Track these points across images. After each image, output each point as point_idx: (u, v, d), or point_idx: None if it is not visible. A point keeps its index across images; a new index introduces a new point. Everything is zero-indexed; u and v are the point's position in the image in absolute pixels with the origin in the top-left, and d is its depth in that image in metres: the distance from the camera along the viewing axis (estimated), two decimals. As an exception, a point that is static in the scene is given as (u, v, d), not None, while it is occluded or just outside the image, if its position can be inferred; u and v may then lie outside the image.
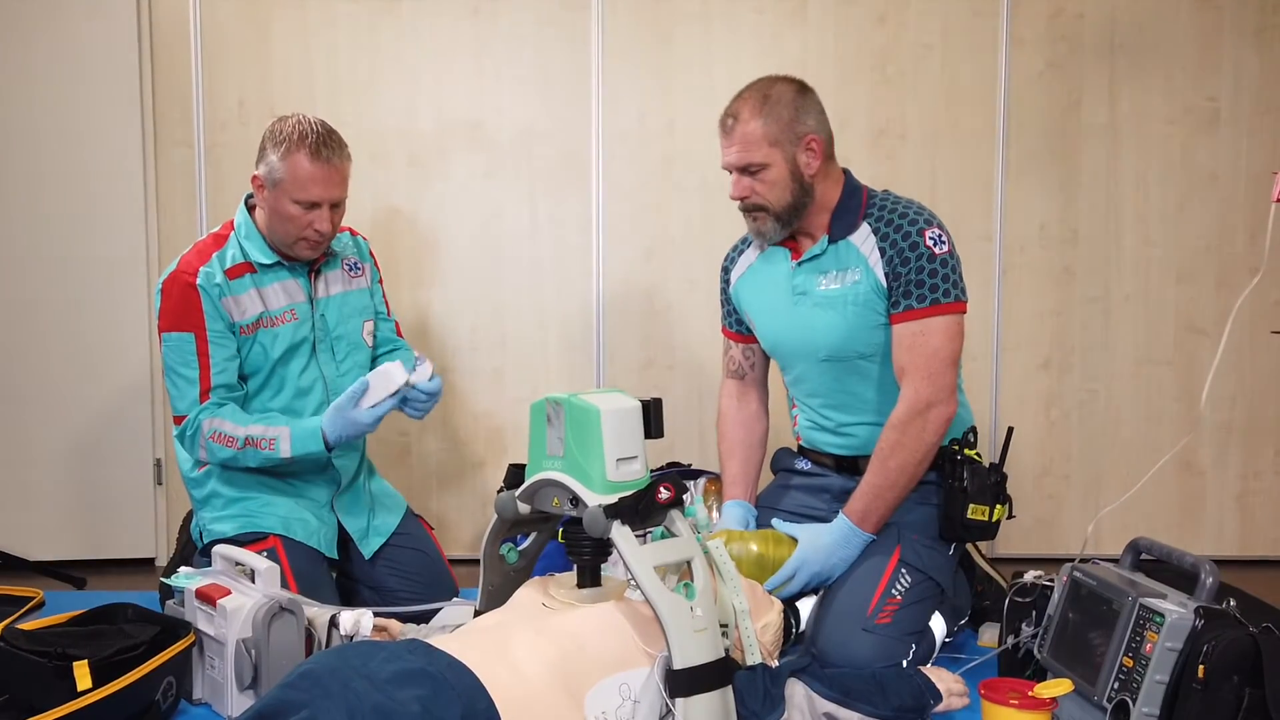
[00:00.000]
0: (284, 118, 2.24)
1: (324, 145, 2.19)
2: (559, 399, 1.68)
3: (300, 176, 2.18)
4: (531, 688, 1.49)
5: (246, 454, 2.20)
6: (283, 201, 2.20)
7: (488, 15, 3.14)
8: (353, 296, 2.43)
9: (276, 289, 2.30)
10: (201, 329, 2.21)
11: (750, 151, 2.12)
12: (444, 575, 2.46)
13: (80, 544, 3.12)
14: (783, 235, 2.22)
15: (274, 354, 2.29)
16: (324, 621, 1.92)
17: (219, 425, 2.20)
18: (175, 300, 2.22)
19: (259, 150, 2.24)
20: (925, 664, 2.05)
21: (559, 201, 3.19)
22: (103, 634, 1.86)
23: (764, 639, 1.87)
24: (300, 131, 2.19)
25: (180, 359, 2.22)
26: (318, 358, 2.36)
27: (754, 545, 2.11)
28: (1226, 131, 3.18)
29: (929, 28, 3.16)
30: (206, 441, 2.21)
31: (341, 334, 2.39)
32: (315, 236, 2.24)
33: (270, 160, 2.20)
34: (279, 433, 2.21)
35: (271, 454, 2.20)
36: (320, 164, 2.18)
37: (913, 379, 2.08)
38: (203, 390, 2.22)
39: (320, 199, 2.20)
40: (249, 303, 2.26)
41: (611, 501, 1.61)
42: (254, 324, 2.26)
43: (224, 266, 2.24)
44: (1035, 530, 3.25)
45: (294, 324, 2.31)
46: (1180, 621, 1.60)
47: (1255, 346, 3.20)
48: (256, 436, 2.20)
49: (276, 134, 2.21)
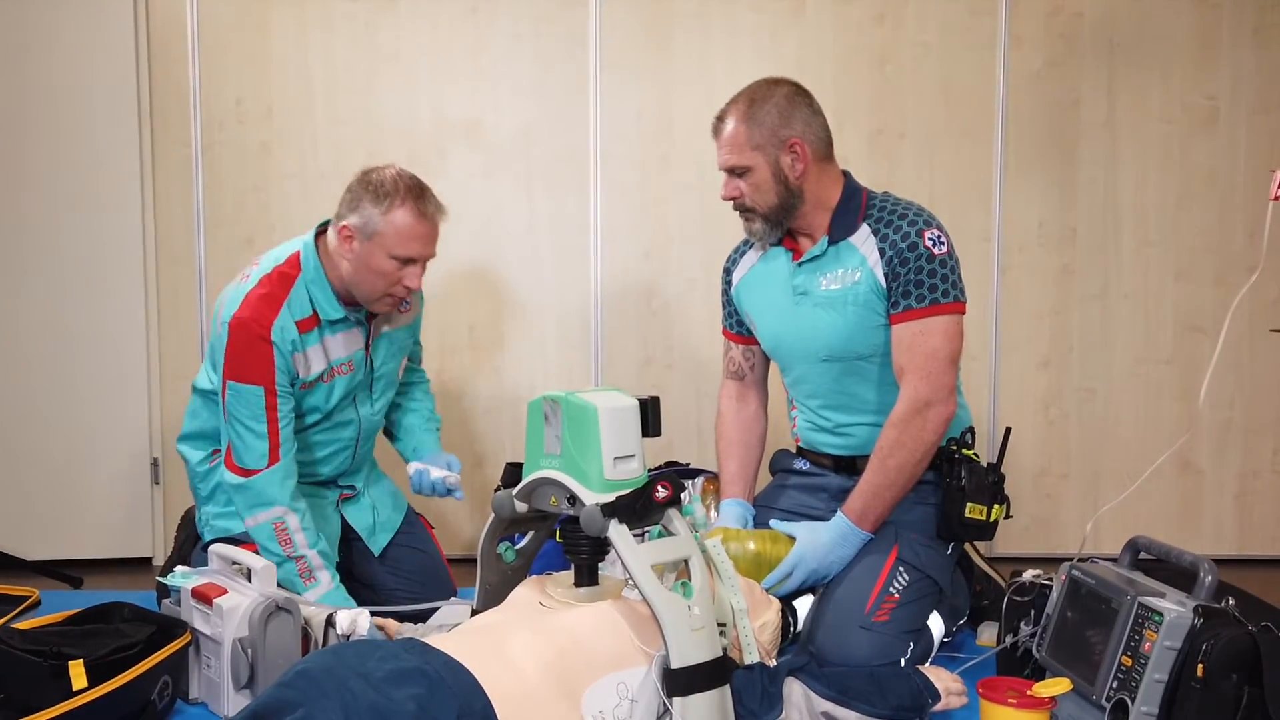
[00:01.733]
0: (377, 169, 2.17)
1: (428, 201, 2.15)
2: (556, 397, 1.68)
3: (402, 231, 2.12)
4: (528, 687, 1.49)
5: (285, 566, 2.14)
6: (377, 255, 2.13)
7: (486, 14, 3.14)
8: (399, 334, 2.38)
9: (339, 340, 2.24)
10: (272, 384, 2.13)
11: (735, 154, 2.14)
12: (443, 576, 2.47)
13: (77, 543, 3.11)
14: (775, 236, 2.23)
15: (330, 405, 2.27)
16: (320, 621, 1.92)
17: (288, 522, 2.15)
18: (246, 351, 2.13)
19: (349, 198, 2.16)
20: (923, 663, 2.04)
21: (557, 200, 3.19)
22: (99, 633, 1.86)
23: (762, 638, 1.86)
24: (405, 186, 2.13)
25: (249, 412, 2.13)
26: (356, 401, 2.33)
27: (751, 544, 2.12)
28: (1225, 130, 3.19)
29: (927, 27, 3.16)
30: (269, 525, 2.14)
31: (383, 374, 2.37)
32: (403, 293, 2.19)
33: (367, 211, 2.12)
34: (323, 578, 2.18)
35: (298, 583, 2.15)
36: (424, 221, 2.14)
37: (912, 379, 2.08)
38: (272, 446, 2.14)
39: (418, 255, 2.16)
40: (314, 358, 2.20)
41: (609, 500, 1.61)
42: (317, 380, 2.22)
43: (294, 318, 2.16)
44: (1034, 529, 3.25)
45: (350, 375, 2.27)
46: (1179, 620, 1.59)
47: (1254, 345, 3.20)
48: (306, 566, 2.16)
49: (374, 184, 2.13)
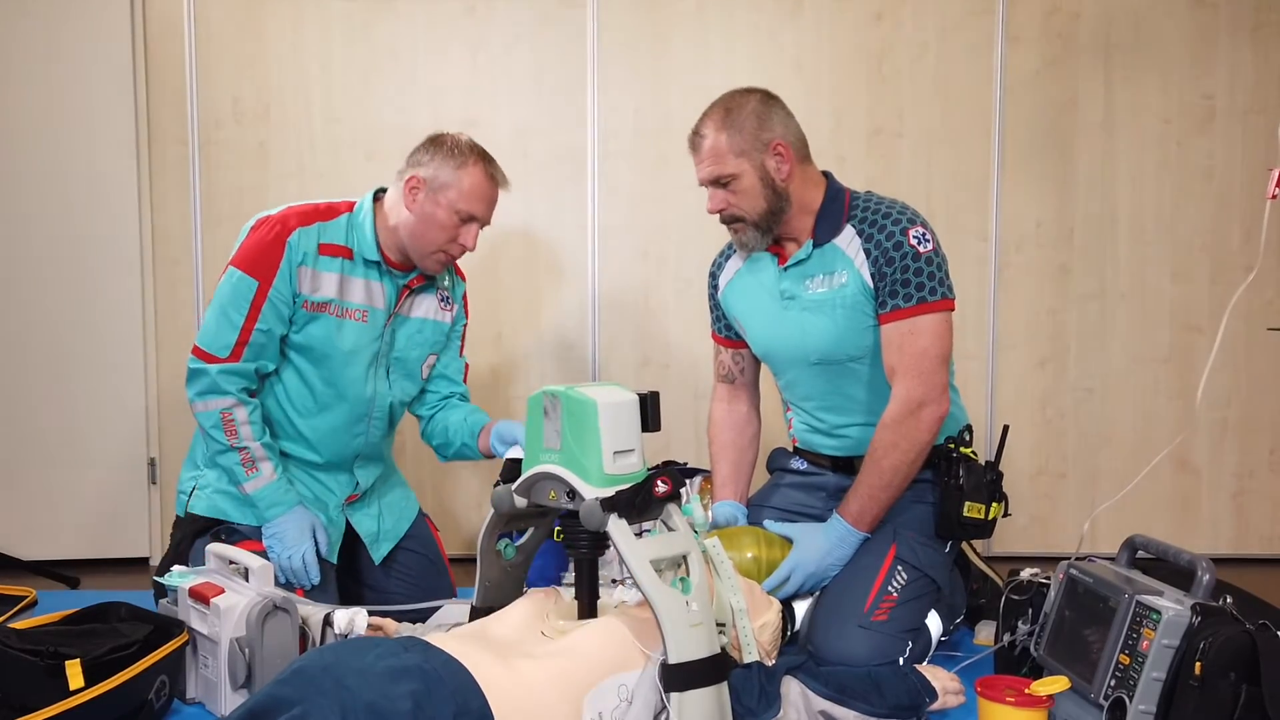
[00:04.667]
0: (448, 133, 2.25)
1: (497, 168, 2.25)
2: (556, 391, 1.67)
3: (472, 188, 2.20)
4: (528, 688, 1.48)
5: (229, 454, 2.14)
6: (441, 208, 2.19)
7: (483, 13, 3.14)
8: (430, 326, 2.37)
9: (359, 285, 2.23)
10: (268, 282, 2.12)
11: (719, 164, 2.13)
12: (444, 580, 2.46)
13: (74, 543, 3.11)
14: (765, 243, 2.22)
15: (342, 347, 2.21)
16: (318, 620, 1.91)
17: (236, 414, 2.13)
18: (261, 243, 2.14)
19: (419, 154, 2.23)
20: (921, 662, 2.04)
21: (555, 200, 3.18)
22: (95, 633, 1.85)
23: (762, 638, 1.86)
24: (478, 149, 2.23)
25: (234, 299, 2.12)
26: (374, 370, 2.29)
27: (749, 552, 2.11)
28: (1222, 129, 3.19)
29: (925, 26, 3.16)
30: (216, 413, 2.12)
31: (403, 357, 2.34)
32: (457, 251, 2.25)
33: (440, 165, 2.19)
34: (264, 469, 2.16)
35: (240, 473, 2.15)
36: (492, 183, 2.24)
37: (904, 379, 2.08)
38: (239, 342, 2.12)
39: (481, 215, 2.24)
40: (325, 283, 2.18)
41: (608, 495, 1.60)
42: (321, 304, 2.18)
43: (319, 240, 2.18)
44: (1031, 528, 3.25)
45: (361, 326, 2.23)
46: (1177, 619, 1.59)
47: (1251, 343, 3.20)
48: (249, 457, 2.14)
49: (449, 143, 2.22)
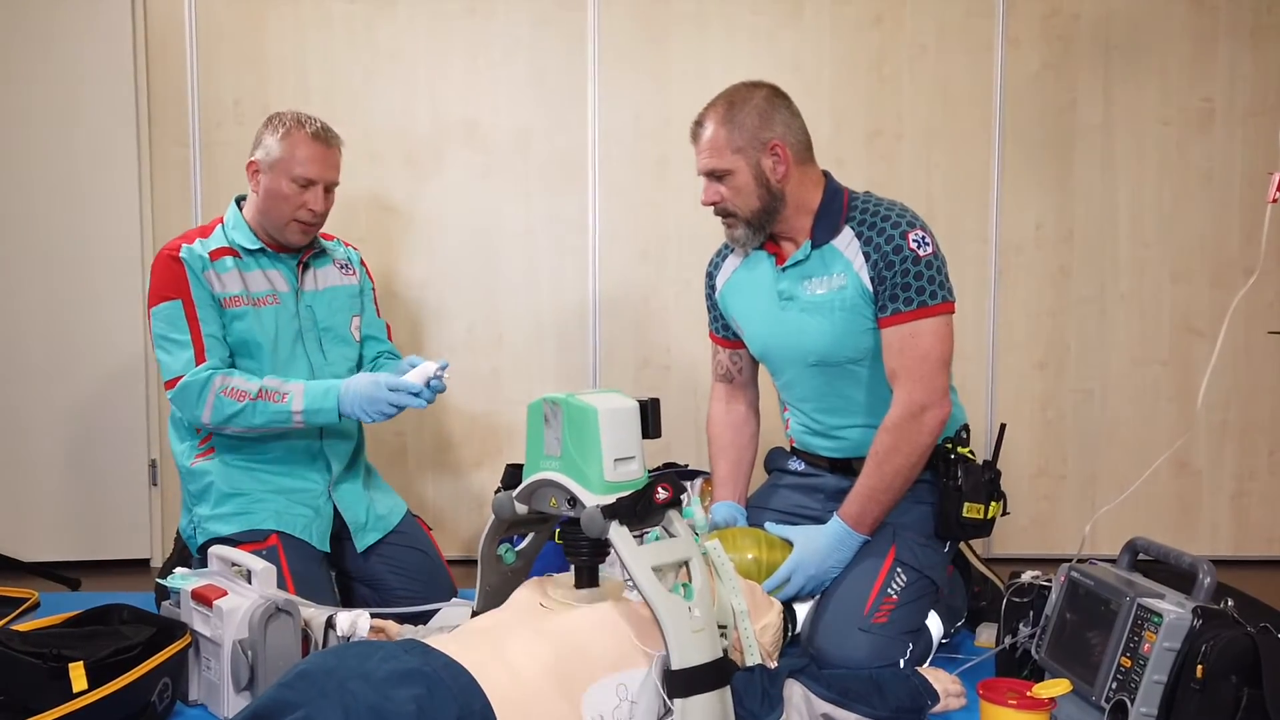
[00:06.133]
0: (279, 112, 2.36)
1: (323, 129, 2.34)
2: (556, 399, 1.68)
3: (300, 154, 2.29)
4: (528, 688, 1.49)
5: (257, 407, 2.21)
6: (279, 180, 2.29)
7: (484, 15, 3.14)
8: (341, 291, 2.48)
9: (258, 276, 2.34)
10: (188, 296, 2.25)
11: (715, 158, 2.13)
12: (443, 575, 2.46)
13: (75, 545, 3.11)
14: (757, 241, 2.22)
15: (268, 333, 2.32)
16: (321, 622, 1.91)
17: (231, 381, 2.22)
18: (162, 273, 2.28)
19: (255, 141, 2.34)
20: (922, 664, 2.05)
21: (555, 201, 3.19)
22: (98, 635, 1.85)
23: (763, 640, 1.86)
24: (299, 117, 2.33)
25: (169, 325, 2.25)
26: (305, 347, 2.38)
27: (750, 553, 2.12)
28: (1221, 131, 3.19)
29: (924, 28, 3.16)
30: (216, 395, 2.21)
31: (329, 325, 2.44)
32: (308, 217, 2.32)
33: (268, 143, 2.31)
34: (293, 389, 2.24)
35: (283, 407, 2.21)
36: (319, 144, 2.31)
37: (905, 383, 2.08)
38: (197, 351, 2.23)
39: (317, 177, 2.30)
40: (230, 280, 2.30)
41: (609, 502, 1.61)
42: (234, 299, 2.30)
43: (206, 250, 2.30)
44: (1032, 530, 3.26)
45: (276, 308, 2.34)
46: (1178, 621, 1.60)
47: (1251, 346, 3.20)
48: (271, 389, 2.22)
49: (274, 121, 2.33)
